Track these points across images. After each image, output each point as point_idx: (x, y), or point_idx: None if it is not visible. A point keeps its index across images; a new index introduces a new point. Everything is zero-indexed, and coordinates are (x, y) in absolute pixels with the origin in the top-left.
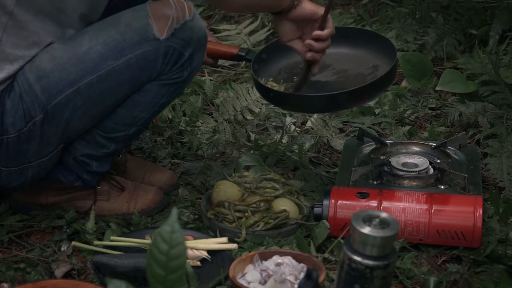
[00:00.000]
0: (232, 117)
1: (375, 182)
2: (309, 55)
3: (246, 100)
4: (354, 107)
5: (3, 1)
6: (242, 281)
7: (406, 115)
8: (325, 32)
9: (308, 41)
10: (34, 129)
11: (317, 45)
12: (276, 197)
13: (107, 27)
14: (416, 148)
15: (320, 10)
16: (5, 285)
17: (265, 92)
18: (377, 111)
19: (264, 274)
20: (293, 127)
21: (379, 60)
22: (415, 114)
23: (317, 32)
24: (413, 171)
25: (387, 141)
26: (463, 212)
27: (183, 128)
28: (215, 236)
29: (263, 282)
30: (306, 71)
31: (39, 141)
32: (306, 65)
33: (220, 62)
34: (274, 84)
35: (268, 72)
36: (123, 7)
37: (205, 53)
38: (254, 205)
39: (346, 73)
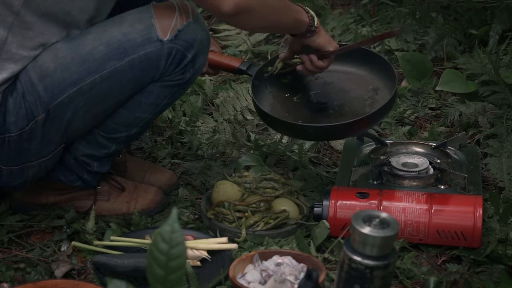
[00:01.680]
0: (232, 117)
1: (375, 182)
2: (299, 67)
3: (246, 100)
4: (350, 136)
5: (10, 1)
6: (242, 281)
7: (406, 115)
8: (319, 62)
9: (304, 56)
10: (36, 128)
11: (309, 65)
12: (276, 197)
13: (110, 27)
14: (416, 148)
15: (330, 46)
16: (5, 285)
17: (263, 115)
18: None
19: (264, 274)
20: None
21: (380, 82)
22: (415, 114)
23: (313, 57)
24: (413, 171)
25: (387, 141)
26: (463, 212)
27: (183, 128)
28: (215, 236)
29: (263, 282)
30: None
31: (41, 140)
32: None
33: None
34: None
35: (269, 86)
36: (127, 8)
37: (207, 55)
38: (254, 205)
39: (347, 94)
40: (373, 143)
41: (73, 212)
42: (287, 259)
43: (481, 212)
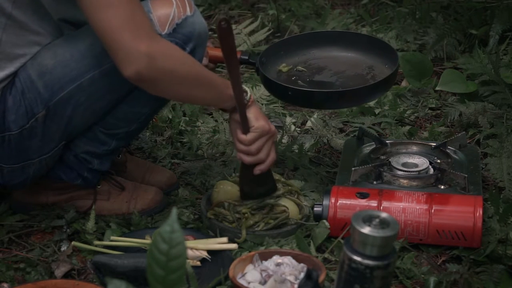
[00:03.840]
0: None
1: (375, 182)
2: (238, 156)
3: None
4: (362, 104)
5: (1, 4)
6: (242, 281)
7: (406, 115)
8: (246, 137)
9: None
10: (36, 126)
11: (240, 147)
12: (276, 197)
13: None
14: (416, 148)
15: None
16: (5, 285)
17: (275, 88)
18: (377, 111)
19: (264, 274)
20: (293, 127)
21: (371, 60)
22: (415, 114)
23: (240, 137)
24: (413, 171)
25: (387, 141)
26: (463, 212)
27: (183, 128)
28: (215, 236)
29: (263, 282)
30: (242, 171)
31: (41, 137)
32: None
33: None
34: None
35: (270, 74)
36: None
37: (206, 48)
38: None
39: (345, 73)
40: (373, 143)
41: (73, 212)
42: (287, 259)
43: (481, 212)
